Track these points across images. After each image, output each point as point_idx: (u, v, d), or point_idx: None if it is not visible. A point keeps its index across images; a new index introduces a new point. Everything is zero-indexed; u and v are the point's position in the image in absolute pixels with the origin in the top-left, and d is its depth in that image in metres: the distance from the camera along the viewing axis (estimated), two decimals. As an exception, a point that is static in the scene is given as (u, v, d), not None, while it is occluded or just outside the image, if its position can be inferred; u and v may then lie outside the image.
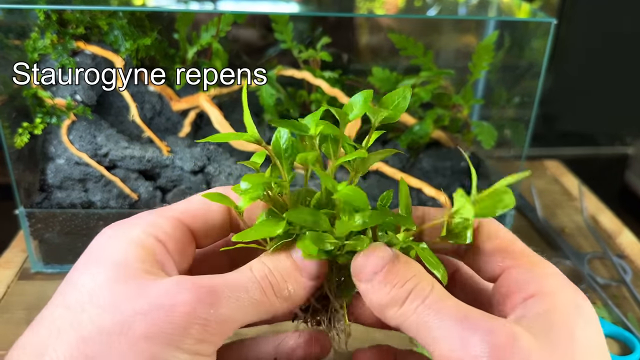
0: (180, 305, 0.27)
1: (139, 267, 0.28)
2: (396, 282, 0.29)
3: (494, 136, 0.64)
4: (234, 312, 0.28)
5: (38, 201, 0.57)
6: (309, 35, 0.71)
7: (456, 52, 0.82)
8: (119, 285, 0.28)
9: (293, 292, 0.31)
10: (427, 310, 0.28)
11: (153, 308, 0.27)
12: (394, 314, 0.29)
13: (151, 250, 0.30)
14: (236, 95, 0.63)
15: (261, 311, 0.30)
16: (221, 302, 0.28)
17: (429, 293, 0.28)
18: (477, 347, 0.26)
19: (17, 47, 0.57)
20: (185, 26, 0.61)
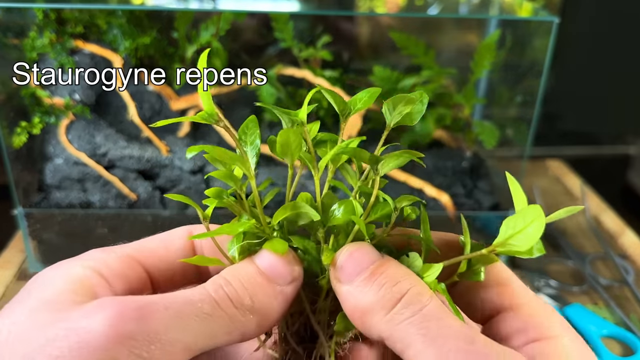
0: (98, 324, 0.22)
1: (67, 298, 0.24)
2: (385, 282, 0.24)
3: (495, 136, 0.63)
4: (173, 329, 0.22)
5: (36, 201, 0.57)
6: (310, 34, 0.71)
7: (458, 51, 0.82)
8: (42, 313, 0.23)
9: (258, 302, 0.25)
10: (424, 322, 0.23)
11: (65, 332, 0.22)
12: (379, 320, 0.23)
13: (87, 283, 0.25)
14: (236, 94, 0.63)
15: (219, 328, 0.24)
16: (152, 316, 0.22)
17: (428, 302, 0.23)
18: None
19: (15, 46, 0.56)
20: (184, 25, 0.61)
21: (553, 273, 0.63)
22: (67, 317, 0.22)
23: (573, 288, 0.60)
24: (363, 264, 0.25)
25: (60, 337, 0.22)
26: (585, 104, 1.07)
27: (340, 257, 0.25)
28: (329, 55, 0.59)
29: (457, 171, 0.64)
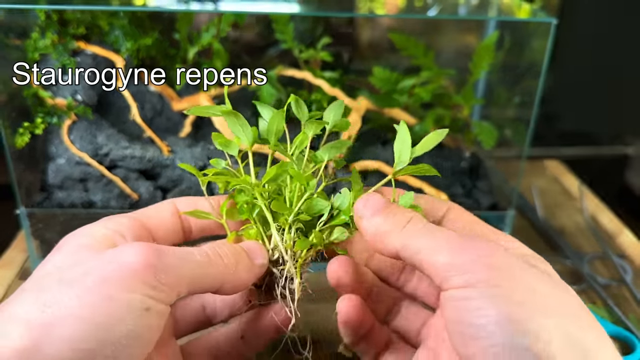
0: (130, 255, 0.30)
1: (97, 245, 0.33)
2: (396, 213, 0.34)
3: (494, 136, 0.64)
4: (180, 265, 0.32)
5: (39, 201, 0.57)
6: (310, 35, 0.71)
7: (457, 52, 0.82)
8: (79, 253, 0.32)
9: (240, 269, 0.35)
10: (430, 230, 0.33)
11: (106, 262, 0.31)
12: (396, 237, 0.33)
13: (109, 236, 0.34)
14: (237, 95, 0.63)
15: (209, 275, 0.33)
16: (167, 256, 0.31)
17: (429, 223, 0.34)
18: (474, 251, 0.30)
19: (17, 47, 0.57)
20: (186, 26, 0.61)
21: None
22: (104, 253, 0.31)
23: (571, 287, 0.61)
24: (377, 204, 0.35)
25: (101, 264, 0.30)
26: (584, 104, 1.08)
27: (360, 202, 0.36)
28: (329, 56, 0.59)
29: (456, 171, 0.64)
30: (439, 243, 0.31)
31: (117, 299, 0.29)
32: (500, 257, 0.30)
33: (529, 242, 0.35)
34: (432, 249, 0.31)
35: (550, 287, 0.31)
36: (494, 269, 0.30)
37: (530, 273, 0.31)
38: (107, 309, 0.29)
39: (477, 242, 0.31)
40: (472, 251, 0.30)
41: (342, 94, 0.59)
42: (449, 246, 0.31)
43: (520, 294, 0.29)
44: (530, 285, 0.30)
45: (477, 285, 0.29)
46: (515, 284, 0.29)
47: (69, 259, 0.32)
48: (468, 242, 0.31)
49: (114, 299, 0.29)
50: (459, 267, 0.30)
